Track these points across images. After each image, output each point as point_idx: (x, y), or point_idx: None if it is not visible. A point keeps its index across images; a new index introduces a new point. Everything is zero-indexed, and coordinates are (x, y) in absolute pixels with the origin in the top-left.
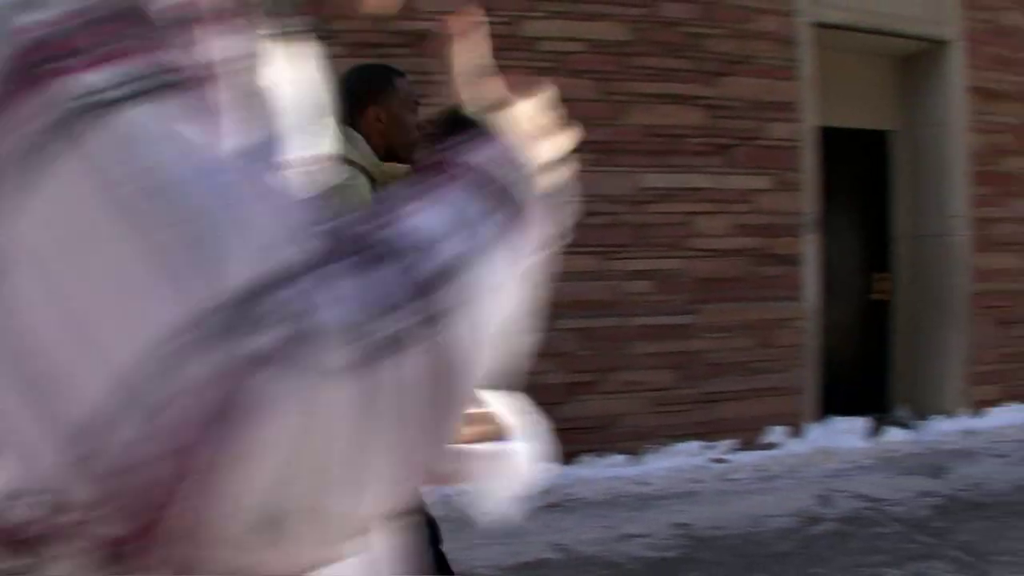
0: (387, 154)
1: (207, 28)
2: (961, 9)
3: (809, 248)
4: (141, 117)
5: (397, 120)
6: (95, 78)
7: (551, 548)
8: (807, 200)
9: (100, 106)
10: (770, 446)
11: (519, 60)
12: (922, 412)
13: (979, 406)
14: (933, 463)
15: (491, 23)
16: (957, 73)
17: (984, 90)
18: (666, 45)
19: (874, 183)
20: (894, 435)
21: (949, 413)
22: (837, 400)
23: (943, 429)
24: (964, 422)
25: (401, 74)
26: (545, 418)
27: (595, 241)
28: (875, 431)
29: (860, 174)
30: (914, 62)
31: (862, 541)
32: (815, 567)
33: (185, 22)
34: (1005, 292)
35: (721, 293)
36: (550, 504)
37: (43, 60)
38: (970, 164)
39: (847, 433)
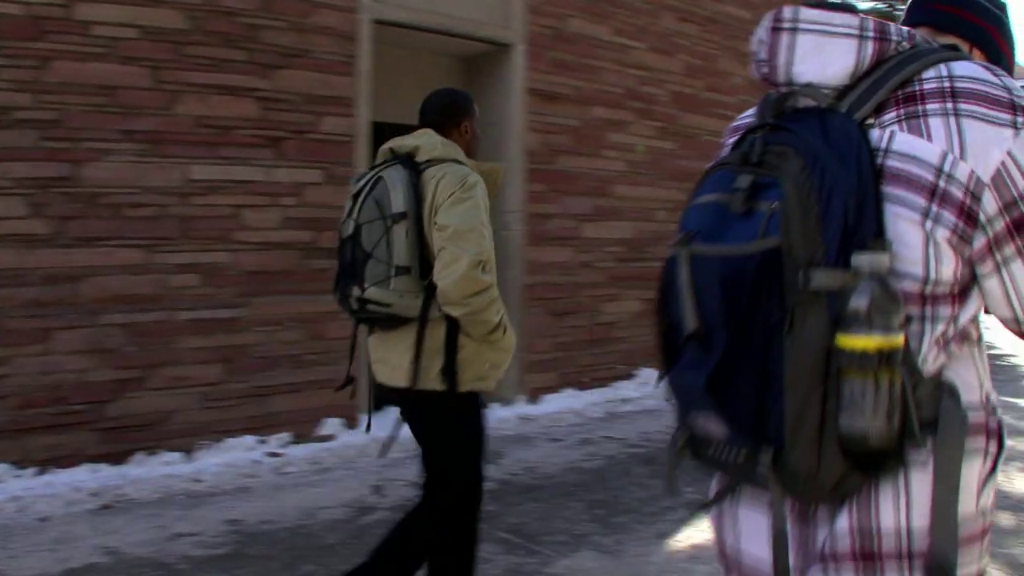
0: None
1: None
2: (525, 14)
3: None
4: None
5: (475, 133)
6: None
7: (100, 552)
8: None
9: None
10: (325, 438)
11: (70, 44)
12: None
13: (535, 393)
14: (490, 449)
15: (43, 4)
16: (518, 75)
17: (543, 92)
18: (223, 35)
19: None
20: None
21: (506, 401)
22: None
23: (500, 416)
24: (521, 409)
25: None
26: (92, 417)
27: (140, 233)
28: None
29: None
30: (477, 63)
31: None
32: (363, 556)
33: None
34: (557, 284)
35: (271, 286)
36: (102, 506)
37: None
38: (527, 162)
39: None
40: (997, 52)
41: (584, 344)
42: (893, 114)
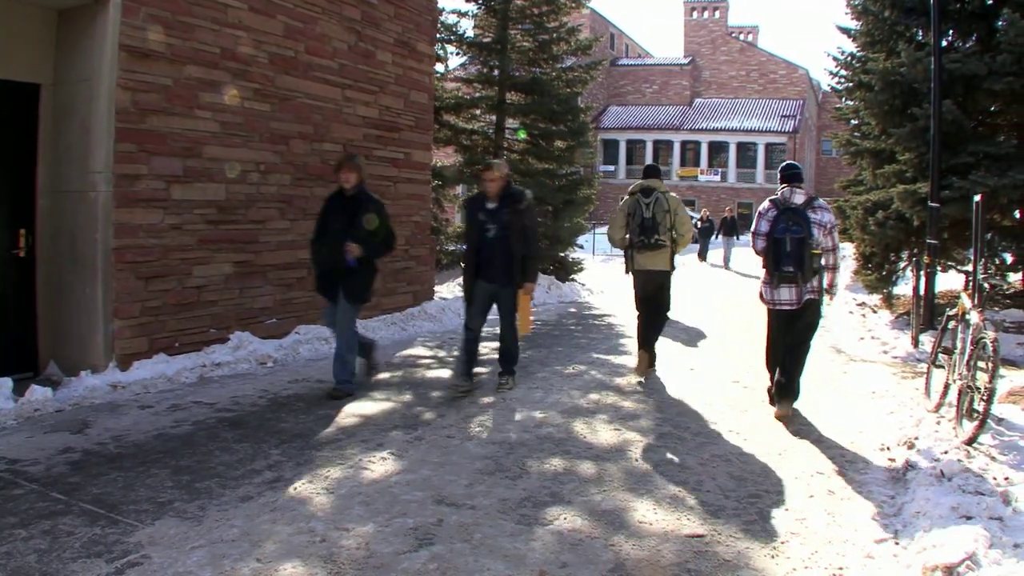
0: None
1: None
2: None
3: None
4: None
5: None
6: None
7: None
8: None
9: None
10: None
11: None
12: (71, 368)
13: (126, 360)
14: (77, 419)
15: None
16: (112, 30)
17: (137, 49)
18: None
19: (19, 136)
20: (40, 393)
21: (96, 368)
22: None
23: (90, 384)
24: (111, 376)
25: None
26: None
27: None
28: (20, 391)
29: (3, 126)
30: (71, 15)
31: None
32: None
33: None
34: (146, 247)
35: None
36: None
37: None
38: (116, 121)
39: None
40: (802, 181)
41: (174, 308)
42: (810, 210)
